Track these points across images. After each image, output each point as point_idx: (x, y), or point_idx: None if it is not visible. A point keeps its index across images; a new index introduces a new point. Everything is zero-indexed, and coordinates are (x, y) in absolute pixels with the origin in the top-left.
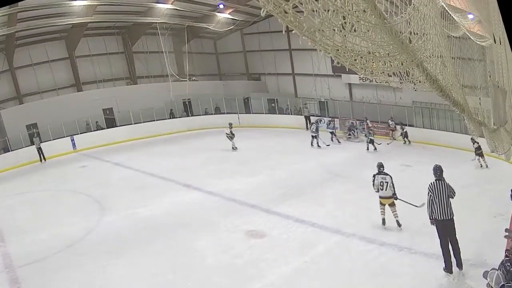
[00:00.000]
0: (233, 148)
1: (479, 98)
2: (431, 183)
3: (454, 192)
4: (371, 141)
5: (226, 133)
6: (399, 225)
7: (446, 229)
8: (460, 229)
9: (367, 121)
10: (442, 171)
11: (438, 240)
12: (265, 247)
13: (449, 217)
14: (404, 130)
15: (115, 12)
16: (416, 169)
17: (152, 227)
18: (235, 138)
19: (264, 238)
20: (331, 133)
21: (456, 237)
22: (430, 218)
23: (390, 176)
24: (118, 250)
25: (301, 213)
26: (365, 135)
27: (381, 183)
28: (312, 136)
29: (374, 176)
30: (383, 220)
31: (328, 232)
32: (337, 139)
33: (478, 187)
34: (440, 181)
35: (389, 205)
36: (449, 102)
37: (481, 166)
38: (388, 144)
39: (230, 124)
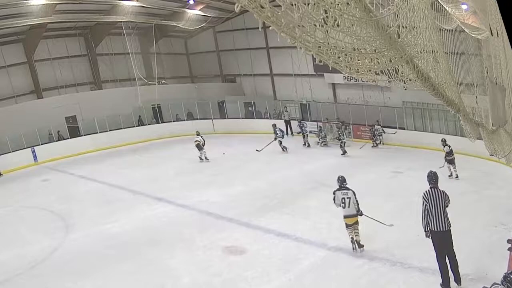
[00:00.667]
0: (201, 159)
1: (476, 97)
2: (426, 191)
3: (449, 201)
4: (341, 145)
5: (197, 141)
6: (360, 246)
7: (442, 242)
8: (458, 240)
9: (340, 123)
10: (438, 177)
11: (434, 254)
12: (245, 264)
13: (446, 228)
14: (379, 131)
15: (77, 11)
16: (407, 175)
17: (122, 244)
18: (204, 148)
19: (243, 254)
20: (304, 137)
21: (453, 250)
22: (425, 230)
23: (352, 191)
24: (85, 270)
25: (284, 227)
26: (337, 138)
27: (343, 200)
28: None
29: (334, 192)
30: (354, 241)
31: (313, 247)
32: (307, 143)
33: (477, 194)
34: (435, 189)
35: (353, 223)
36: (442, 102)
37: (450, 176)
38: (360, 148)
39: (198, 132)
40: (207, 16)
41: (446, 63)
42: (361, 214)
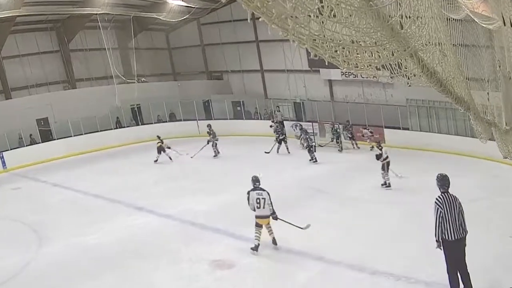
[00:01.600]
0: (155, 161)
1: (487, 93)
2: (439, 196)
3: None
4: (309, 148)
5: (166, 147)
6: (275, 243)
7: (459, 251)
8: (469, 251)
9: (313, 123)
10: (450, 182)
11: (441, 266)
12: (234, 279)
13: (463, 235)
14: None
15: (48, 3)
16: (411, 180)
17: (100, 258)
18: (162, 155)
19: (232, 268)
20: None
21: (465, 261)
22: (437, 240)
23: (267, 192)
24: (60, 285)
25: (276, 237)
26: (302, 141)
27: (257, 200)
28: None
29: (248, 192)
30: (257, 246)
31: (309, 259)
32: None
33: (489, 200)
34: (449, 194)
35: (266, 224)
36: (450, 99)
37: (384, 185)
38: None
39: (159, 137)
40: (191, 7)
41: (454, 56)
42: (276, 218)
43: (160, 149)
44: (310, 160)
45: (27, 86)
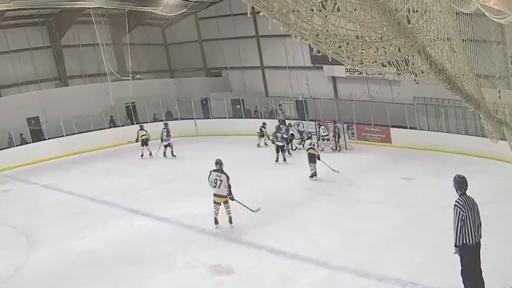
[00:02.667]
0: (142, 156)
1: (499, 91)
2: (460, 199)
3: None
4: (278, 149)
5: (144, 135)
6: (230, 222)
7: (477, 255)
8: (481, 257)
9: (286, 123)
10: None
11: (451, 273)
12: (233, 285)
13: (480, 239)
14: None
15: None
16: (420, 182)
17: (93, 263)
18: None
19: (232, 274)
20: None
21: (480, 267)
22: (457, 245)
23: (226, 175)
24: None
25: (277, 242)
26: (273, 142)
27: (215, 181)
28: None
29: (210, 172)
30: (216, 219)
31: (312, 265)
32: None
33: (501, 203)
34: (467, 196)
35: (224, 203)
36: (460, 97)
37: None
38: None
39: (142, 126)
40: (188, 0)
41: (464, 52)
42: (232, 199)
43: (145, 142)
44: (282, 160)
45: (17, 84)
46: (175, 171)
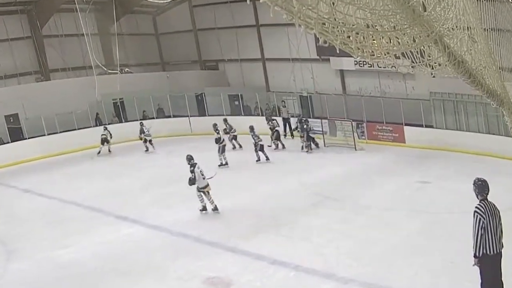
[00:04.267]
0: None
1: None
2: (481, 205)
3: None
4: (257, 148)
5: (104, 135)
6: (217, 208)
7: (498, 267)
8: (503, 268)
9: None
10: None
11: (472, 284)
12: None
13: (501, 249)
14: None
15: None
16: (437, 186)
17: (77, 275)
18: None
19: (230, 287)
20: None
21: (502, 279)
22: (476, 256)
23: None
24: None
25: (280, 252)
26: (255, 144)
27: (202, 172)
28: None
29: (194, 170)
30: (204, 207)
31: (318, 277)
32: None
33: None
34: (488, 201)
35: (208, 192)
36: (481, 92)
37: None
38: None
39: (105, 127)
40: None
41: (486, 42)
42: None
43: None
44: (256, 160)
45: None
46: (166, 174)
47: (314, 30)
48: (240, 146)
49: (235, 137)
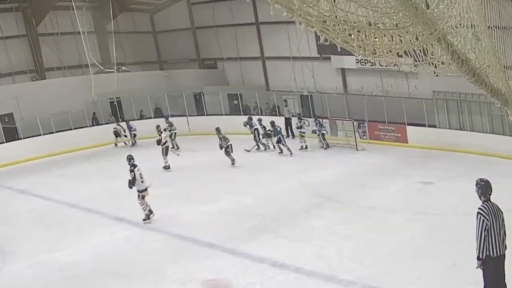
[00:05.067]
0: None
1: None
2: (484, 206)
3: None
4: (222, 148)
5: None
6: (151, 211)
7: (501, 268)
8: (507, 270)
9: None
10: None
11: (479, 287)
12: None
13: (504, 251)
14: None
15: None
16: (440, 187)
17: (74, 277)
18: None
19: None
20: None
21: (505, 281)
22: (480, 258)
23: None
24: None
25: (280, 254)
26: (221, 145)
27: (141, 175)
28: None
29: (134, 171)
30: (148, 215)
31: (319, 280)
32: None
33: None
34: (492, 202)
35: (144, 197)
36: (485, 91)
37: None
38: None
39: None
40: None
41: (490, 40)
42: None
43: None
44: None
45: None
46: (164, 175)
47: (315, 28)
48: (174, 146)
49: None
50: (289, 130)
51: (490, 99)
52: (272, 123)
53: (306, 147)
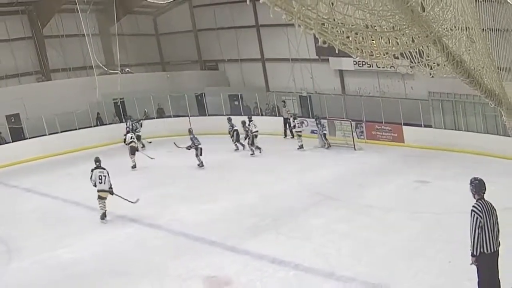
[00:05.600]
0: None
1: None
2: (478, 204)
3: None
4: (190, 149)
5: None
6: (104, 216)
7: (495, 265)
8: (500, 267)
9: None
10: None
11: (469, 285)
12: None
13: (498, 247)
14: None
15: None
16: (436, 186)
17: (77, 275)
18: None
19: (229, 286)
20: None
21: (499, 277)
22: (474, 255)
23: (106, 170)
24: None
25: (280, 251)
26: (196, 147)
27: (100, 177)
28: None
29: (92, 171)
30: (104, 213)
31: (319, 277)
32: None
33: None
34: (486, 201)
35: (105, 197)
36: (480, 92)
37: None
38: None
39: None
40: None
41: (484, 42)
42: (112, 193)
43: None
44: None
45: None
46: (166, 174)
47: (314, 30)
48: (143, 146)
49: (138, 137)
50: (286, 130)
51: (484, 100)
52: (243, 123)
53: (302, 146)
